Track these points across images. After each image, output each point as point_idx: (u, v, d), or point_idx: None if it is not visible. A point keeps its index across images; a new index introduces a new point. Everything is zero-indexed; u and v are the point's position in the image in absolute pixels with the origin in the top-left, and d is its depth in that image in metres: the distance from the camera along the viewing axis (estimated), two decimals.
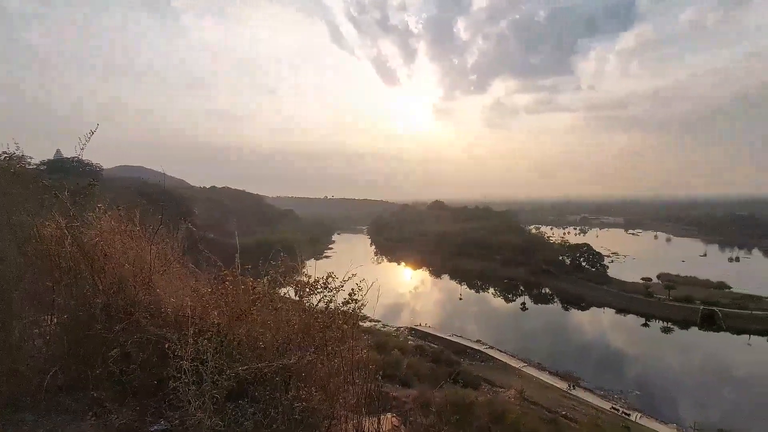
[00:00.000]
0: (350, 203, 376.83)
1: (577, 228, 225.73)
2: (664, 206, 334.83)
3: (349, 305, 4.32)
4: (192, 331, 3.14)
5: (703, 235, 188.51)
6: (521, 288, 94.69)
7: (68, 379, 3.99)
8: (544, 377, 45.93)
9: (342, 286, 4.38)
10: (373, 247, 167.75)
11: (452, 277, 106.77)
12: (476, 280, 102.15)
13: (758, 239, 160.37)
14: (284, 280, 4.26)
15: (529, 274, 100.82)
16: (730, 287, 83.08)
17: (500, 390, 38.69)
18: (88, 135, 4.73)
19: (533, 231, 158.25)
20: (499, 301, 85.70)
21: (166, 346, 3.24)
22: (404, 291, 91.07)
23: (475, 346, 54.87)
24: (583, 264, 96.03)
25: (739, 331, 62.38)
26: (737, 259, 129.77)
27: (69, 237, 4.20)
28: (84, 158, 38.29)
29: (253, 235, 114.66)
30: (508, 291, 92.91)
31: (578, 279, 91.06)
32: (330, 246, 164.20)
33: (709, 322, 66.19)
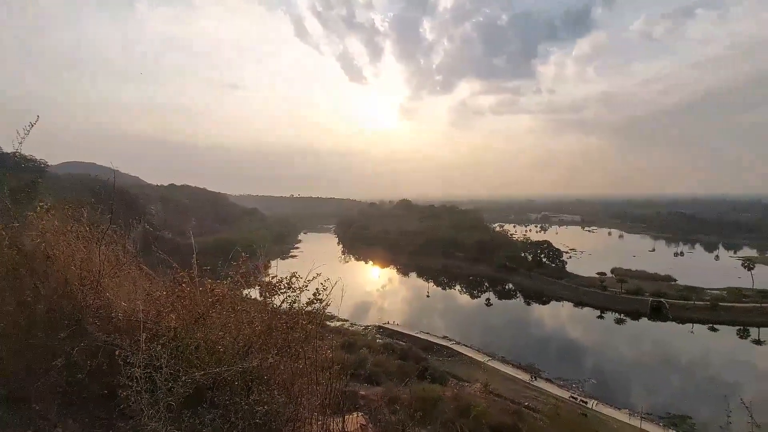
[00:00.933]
0: (317, 202, 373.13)
1: (538, 225, 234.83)
2: (616, 205, 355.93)
3: (313, 305, 4.25)
4: (144, 337, 2.98)
5: (651, 231, 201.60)
6: (486, 284, 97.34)
7: (8, 392, 3.68)
8: (508, 370, 47.51)
9: (306, 286, 4.31)
10: (341, 245, 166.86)
11: (419, 275, 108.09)
12: (443, 277, 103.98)
13: (700, 235, 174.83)
14: (245, 281, 4.13)
15: (494, 271, 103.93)
16: (675, 280, 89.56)
17: (466, 384, 39.61)
18: (28, 128, 4.37)
19: (497, 229, 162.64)
20: (465, 298, 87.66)
21: (116, 353, 3.06)
22: (372, 289, 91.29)
23: (442, 342, 55.84)
24: (544, 260, 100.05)
25: (683, 321, 67.13)
26: (682, 254, 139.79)
27: (7, 238, 3.87)
28: (26, 153, 35.49)
29: (215, 235, 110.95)
30: (473, 287, 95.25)
31: (539, 274, 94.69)
32: (296, 245, 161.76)
33: (657, 313, 70.81)
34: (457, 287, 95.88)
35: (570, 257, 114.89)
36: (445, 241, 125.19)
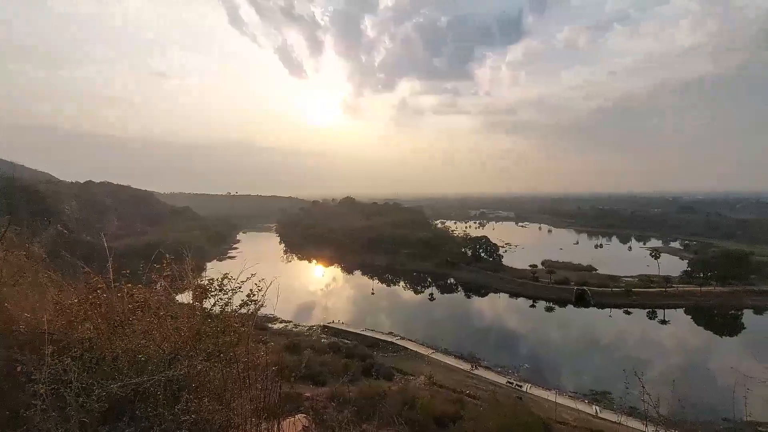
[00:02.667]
0: (257, 200, 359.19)
1: (477, 222, 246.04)
2: (546, 201, 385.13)
3: (247, 306, 4.10)
4: (51, 350, 2.68)
5: (576, 226, 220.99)
6: (429, 280, 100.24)
7: None
8: (450, 361, 49.43)
9: (240, 287, 4.14)
10: (283, 245, 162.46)
11: (364, 273, 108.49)
12: (387, 274, 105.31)
13: (616, 229, 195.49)
14: (172, 285, 3.86)
15: (436, 266, 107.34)
16: (596, 269, 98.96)
17: (411, 378, 40.53)
18: None
19: (439, 225, 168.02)
20: (409, 294, 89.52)
21: (18, 369, 2.73)
22: (316, 289, 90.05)
23: (388, 339, 56.62)
24: (482, 254, 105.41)
25: (603, 306, 74.28)
26: (601, 246, 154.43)
27: None
28: None
29: (142, 236, 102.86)
30: (416, 283, 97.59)
31: (478, 268, 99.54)
32: (234, 245, 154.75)
33: (582, 300, 77.65)
34: (402, 283, 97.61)
35: (506, 251, 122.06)
36: (389, 238, 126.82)
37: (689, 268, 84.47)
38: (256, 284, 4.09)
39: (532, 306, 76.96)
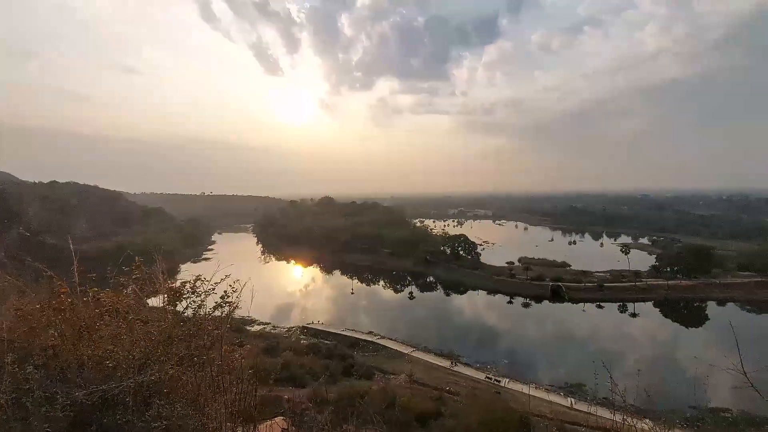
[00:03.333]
0: (233, 200, 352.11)
1: (455, 220, 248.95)
2: (522, 200, 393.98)
3: (222, 308, 4.01)
4: (11, 358, 2.55)
5: (551, 224, 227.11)
6: (408, 278, 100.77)
7: None
8: (431, 359, 49.83)
9: (213, 289, 4.05)
10: (260, 245, 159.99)
11: (343, 272, 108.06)
12: (366, 274, 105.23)
13: (589, 226, 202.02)
14: (141, 288, 3.74)
15: (415, 265, 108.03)
16: (570, 265, 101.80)
17: (392, 376, 40.66)
18: None
19: (418, 224, 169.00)
20: (389, 293, 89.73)
21: None
22: (295, 290, 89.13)
23: (368, 338, 56.59)
24: (461, 252, 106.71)
25: (576, 301, 76.53)
26: (575, 243, 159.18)
27: None
28: None
29: (112, 238, 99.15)
30: (396, 282, 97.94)
31: (457, 266, 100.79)
32: (210, 247, 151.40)
33: (557, 296, 79.76)
34: (381, 283, 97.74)
35: (483, 249, 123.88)
36: (369, 237, 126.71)
37: (657, 263, 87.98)
38: (230, 285, 4.01)
39: (510, 302, 78.48)
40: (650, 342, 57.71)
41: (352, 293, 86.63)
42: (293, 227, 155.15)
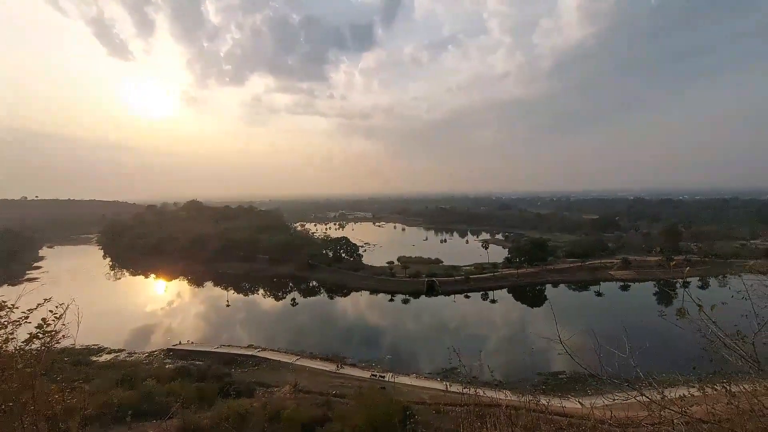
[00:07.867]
0: (69, 205, 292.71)
1: (337, 223, 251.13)
2: (398, 202, 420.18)
3: (40, 339, 2.83)
4: None
5: (424, 224, 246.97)
6: (290, 284, 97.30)
7: None
8: (316, 364, 48.71)
9: (27, 318, 2.86)
10: (109, 259, 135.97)
11: (217, 283, 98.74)
12: (244, 283, 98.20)
13: (456, 225, 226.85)
14: None
15: (297, 270, 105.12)
16: (442, 261, 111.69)
17: (275, 389, 38.36)
18: None
19: (298, 228, 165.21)
20: (270, 301, 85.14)
21: None
22: (156, 308, 77.76)
23: (247, 352, 52.60)
24: (343, 255, 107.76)
25: (448, 293, 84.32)
26: (445, 241, 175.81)
27: None
28: None
29: None
30: (277, 289, 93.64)
31: (339, 269, 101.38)
32: (36, 264, 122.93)
33: (431, 290, 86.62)
34: (261, 291, 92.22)
35: (365, 250, 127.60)
36: (245, 243, 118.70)
37: (509, 255, 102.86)
38: (50, 311, 2.86)
39: (391, 300, 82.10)
40: (506, 323, 66.71)
41: (228, 306, 79.58)
42: (153, 236, 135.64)
